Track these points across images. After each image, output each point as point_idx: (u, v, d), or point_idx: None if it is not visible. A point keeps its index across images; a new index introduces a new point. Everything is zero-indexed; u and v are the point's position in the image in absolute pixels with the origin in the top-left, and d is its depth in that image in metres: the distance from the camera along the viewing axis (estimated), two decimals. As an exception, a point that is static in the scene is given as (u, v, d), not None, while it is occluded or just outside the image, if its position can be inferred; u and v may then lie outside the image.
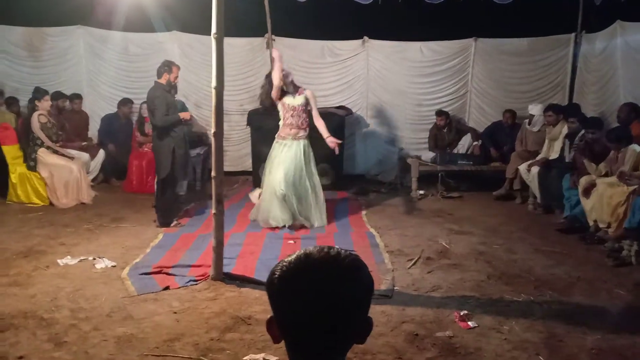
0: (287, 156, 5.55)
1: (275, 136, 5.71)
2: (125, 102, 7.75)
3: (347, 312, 1.01)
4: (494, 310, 3.69)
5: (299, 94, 5.65)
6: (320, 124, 5.66)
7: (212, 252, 4.17)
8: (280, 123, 5.68)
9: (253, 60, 8.16)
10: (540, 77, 8.11)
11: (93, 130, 7.98)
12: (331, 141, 5.57)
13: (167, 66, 5.60)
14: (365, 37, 8.09)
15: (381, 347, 3.18)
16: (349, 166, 7.95)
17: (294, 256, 1.06)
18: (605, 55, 7.04)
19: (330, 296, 1.00)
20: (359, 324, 1.04)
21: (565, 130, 6.25)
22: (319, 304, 0.99)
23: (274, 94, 5.54)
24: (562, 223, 5.61)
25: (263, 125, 7.41)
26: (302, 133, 5.62)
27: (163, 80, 5.58)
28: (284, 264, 1.05)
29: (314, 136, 6.03)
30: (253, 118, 7.53)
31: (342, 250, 1.06)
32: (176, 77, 5.69)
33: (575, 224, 5.49)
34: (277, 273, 1.04)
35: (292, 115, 5.61)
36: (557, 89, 8.08)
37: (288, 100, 5.64)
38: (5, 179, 6.49)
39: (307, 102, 5.64)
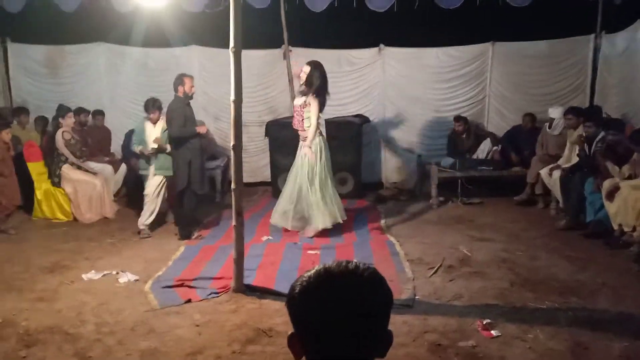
0: (298, 157, 5.66)
1: None
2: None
3: (367, 325, 1.03)
4: (518, 319, 3.64)
5: (304, 95, 5.61)
6: (309, 130, 5.50)
7: (233, 264, 4.20)
8: None
9: (271, 71, 8.23)
10: (560, 79, 7.99)
11: (115, 146, 8.12)
12: (306, 152, 5.53)
13: (179, 79, 5.72)
14: (381, 45, 8.09)
15: (403, 358, 3.16)
16: (367, 174, 7.93)
17: (313, 271, 1.08)
18: (627, 55, 6.92)
19: (350, 309, 1.01)
20: (380, 337, 1.05)
21: (579, 132, 6.14)
22: (339, 317, 1.01)
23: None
24: (587, 228, 5.52)
25: (281, 136, 7.47)
26: (303, 134, 5.60)
27: (180, 94, 5.69)
28: (304, 279, 1.07)
29: (333, 145, 6.05)
30: (271, 129, 7.59)
31: (361, 264, 1.08)
32: (191, 87, 5.78)
33: (599, 229, 5.39)
34: (297, 288, 1.06)
35: (294, 116, 5.68)
36: (578, 91, 7.96)
37: (296, 100, 5.72)
38: (31, 195, 6.64)
39: (304, 105, 5.51)
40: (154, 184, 5.95)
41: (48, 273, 4.77)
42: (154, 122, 6.09)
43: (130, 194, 7.78)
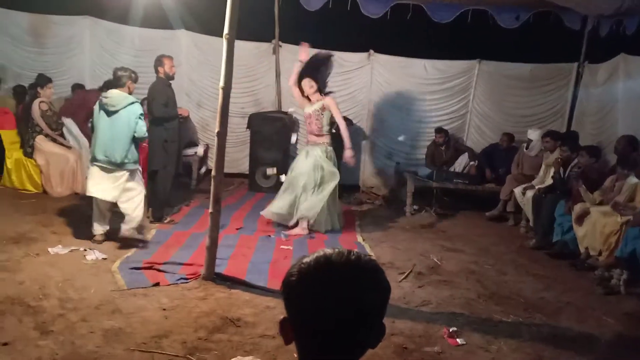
0: (305, 161, 5.71)
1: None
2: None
3: (367, 318, 1.01)
4: (483, 329, 3.70)
5: (317, 101, 5.71)
6: (343, 133, 5.75)
7: (206, 251, 4.16)
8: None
9: (259, 64, 8.19)
10: (541, 103, 8.18)
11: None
12: (347, 155, 5.72)
13: (159, 60, 5.68)
14: (371, 51, 8.14)
15: (369, 359, 3.17)
16: (345, 176, 7.91)
17: (312, 258, 1.04)
18: (607, 86, 7.12)
19: (353, 302, 0.99)
20: (375, 329, 1.04)
21: (556, 155, 6.30)
22: (341, 309, 0.98)
23: (295, 93, 5.80)
24: (553, 248, 5.66)
25: (262, 130, 7.45)
26: (318, 140, 5.71)
27: (161, 74, 5.63)
28: (303, 267, 1.03)
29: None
30: (254, 122, 7.56)
31: (362, 255, 1.05)
32: (171, 67, 5.70)
33: (564, 250, 5.54)
34: (296, 276, 1.03)
35: (308, 123, 5.77)
36: (557, 116, 8.16)
37: (306, 108, 5.77)
38: (1, 163, 6.44)
39: (322, 109, 5.69)
40: None
41: (13, 243, 4.64)
42: None
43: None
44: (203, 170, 7.73)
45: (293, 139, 7.50)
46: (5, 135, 6.55)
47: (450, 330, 3.58)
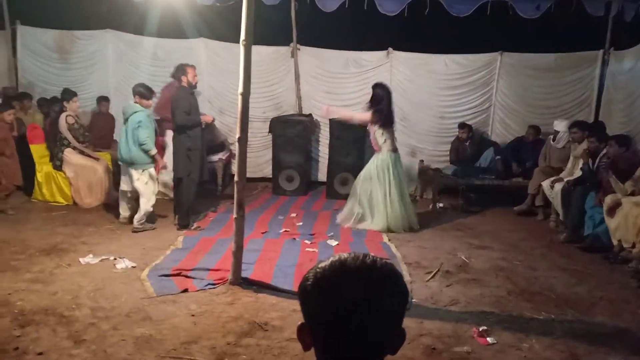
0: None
1: None
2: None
3: (384, 323, 1.00)
4: (514, 327, 3.63)
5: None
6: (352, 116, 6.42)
7: (232, 257, 4.19)
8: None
9: (278, 68, 8.23)
10: (566, 93, 8.01)
11: (119, 134, 8.11)
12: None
13: (182, 69, 5.74)
14: (390, 49, 8.10)
15: None
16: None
17: (327, 263, 1.03)
18: (634, 73, 6.93)
19: (370, 307, 0.98)
20: (393, 335, 1.02)
21: (584, 146, 6.15)
22: (358, 314, 0.97)
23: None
24: (585, 241, 5.52)
25: (284, 133, 7.47)
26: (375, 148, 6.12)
27: (184, 83, 5.70)
28: (318, 271, 1.02)
29: (337, 145, 6.14)
30: (275, 125, 7.59)
31: (378, 259, 1.04)
32: (194, 76, 5.79)
33: (596, 243, 5.40)
34: (311, 280, 1.02)
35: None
36: (583, 106, 7.97)
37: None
38: (32, 177, 6.62)
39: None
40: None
41: (45, 255, 4.76)
42: None
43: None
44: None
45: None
46: (35, 149, 6.73)
47: (480, 330, 3.52)
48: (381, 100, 5.95)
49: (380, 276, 1.01)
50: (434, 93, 8.15)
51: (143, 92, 5.68)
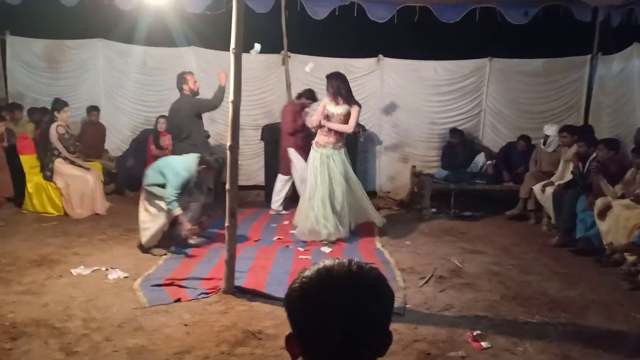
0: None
1: None
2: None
3: (372, 328, 1.00)
4: (508, 331, 3.64)
5: (343, 104, 5.79)
6: (340, 127, 5.79)
7: (224, 265, 4.17)
8: None
9: (269, 76, 8.24)
10: (556, 98, 8.08)
11: (109, 143, 8.09)
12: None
13: (182, 78, 5.74)
14: (380, 56, 8.14)
15: (393, 366, 3.14)
16: (361, 183, 7.91)
17: (313, 271, 1.02)
18: (622, 77, 7.01)
19: (356, 313, 0.98)
20: (382, 338, 1.03)
21: (574, 150, 6.19)
22: (346, 321, 0.97)
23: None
24: (577, 245, 5.55)
25: (276, 140, 7.46)
26: (337, 143, 5.80)
27: (187, 92, 5.69)
28: (304, 279, 1.02)
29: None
30: (267, 133, 7.59)
31: (364, 264, 1.04)
32: (195, 82, 5.81)
33: (588, 246, 5.43)
34: (297, 289, 1.01)
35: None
36: (572, 110, 8.05)
37: (330, 107, 5.79)
38: (22, 188, 6.57)
39: (347, 114, 5.75)
40: None
41: (36, 266, 4.71)
42: None
43: (121, 191, 7.74)
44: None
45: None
46: (25, 160, 6.67)
47: (475, 334, 3.53)
48: (350, 90, 5.78)
49: (367, 283, 1.01)
50: (425, 99, 8.20)
51: None
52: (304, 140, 6.71)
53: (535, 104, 8.12)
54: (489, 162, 7.54)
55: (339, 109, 5.72)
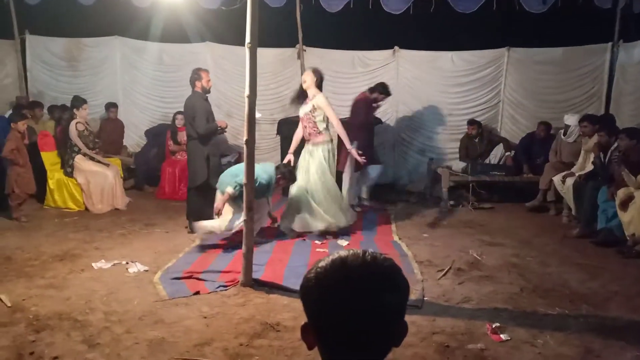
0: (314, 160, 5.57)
1: None
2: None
3: (387, 318, 1.00)
4: (528, 324, 3.60)
5: (306, 103, 5.58)
6: (340, 134, 5.59)
7: (242, 259, 4.20)
8: None
9: (285, 70, 8.25)
10: (576, 87, 7.94)
11: (128, 139, 8.19)
12: (353, 155, 5.60)
13: (196, 74, 5.70)
14: (396, 47, 8.09)
15: (411, 358, 3.13)
16: (378, 175, 7.91)
17: (327, 262, 1.03)
18: (644, 64, 6.86)
19: (372, 303, 0.98)
20: (397, 328, 1.03)
21: (595, 140, 6.09)
22: (361, 311, 0.98)
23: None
24: (598, 236, 5.47)
25: (292, 135, 7.46)
26: (314, 140, 5.56)
27: (198, 89, 5.68)
28: (319, 270, 1.03)
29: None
30: (283, 127, 7.59)
31: (378, 255, 1.04)
32: (208, 81, 5.76)
33: (609, 237, 5.34)
34: (313, 279, 1.02)
35: (303, 127, 5.64)
36: (593, 99, 7.90)
37: (300, 110, 5.66)
38: (44, 184, 6.69)
39: (313, 110, 5.50)
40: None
41: (58, 261, 4.80)
42: None
43: (140, 186, 7.82)
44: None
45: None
46: (46, 157, 6.79)
47: (494, 326, 3.49)
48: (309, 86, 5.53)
49: (382, 273, 1.01)
50: (442, 90, 8.12)
51: None
52: (370, 134, 6.58)
53: (555, 94, 7.99)
54: (507, 153, 7.45)
55: (304, 108, 5.55)
